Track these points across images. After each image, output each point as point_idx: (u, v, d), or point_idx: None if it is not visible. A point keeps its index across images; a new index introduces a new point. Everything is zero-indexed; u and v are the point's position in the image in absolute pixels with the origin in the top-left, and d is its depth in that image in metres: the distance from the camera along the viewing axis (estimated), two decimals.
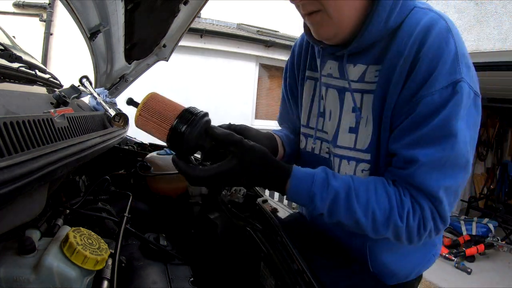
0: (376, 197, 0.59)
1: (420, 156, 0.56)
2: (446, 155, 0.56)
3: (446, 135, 0.55)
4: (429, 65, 0.56)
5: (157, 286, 0.63)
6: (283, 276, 0.63)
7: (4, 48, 0.83)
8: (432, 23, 0.57)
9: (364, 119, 0.66)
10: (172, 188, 1.06)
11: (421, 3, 0.63)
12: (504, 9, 2.62)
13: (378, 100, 0.63)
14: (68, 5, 0.95)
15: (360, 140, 0.68)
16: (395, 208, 0.58)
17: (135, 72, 1.59)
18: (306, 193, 0.60)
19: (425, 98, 0.56)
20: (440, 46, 0.55)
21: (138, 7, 1.03)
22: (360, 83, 0.66)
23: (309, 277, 0.58)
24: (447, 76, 0.55)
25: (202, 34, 5.24)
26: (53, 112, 0.61)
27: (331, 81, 0.73)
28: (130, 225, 0.76)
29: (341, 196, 0.59)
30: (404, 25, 0.60)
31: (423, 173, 0.57)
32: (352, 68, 0.67)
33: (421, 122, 0.57)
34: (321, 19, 0.61)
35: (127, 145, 1.47)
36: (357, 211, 0.58)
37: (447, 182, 0.57)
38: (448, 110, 0.54)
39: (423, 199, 0.58)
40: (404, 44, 0.59)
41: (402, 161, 0.59)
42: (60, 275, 0.46)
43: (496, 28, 2.67)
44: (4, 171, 0.35)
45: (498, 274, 3.36)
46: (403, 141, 0.59)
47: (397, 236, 0.60)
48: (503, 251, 3.77)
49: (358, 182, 0.61)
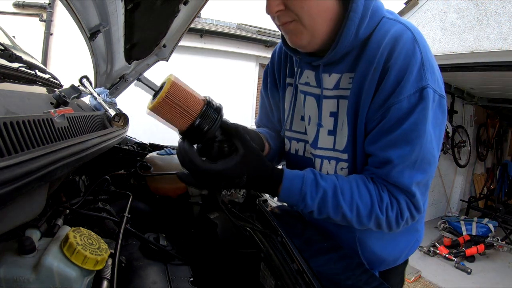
0: (359, 194, 0.67)
1: (393, 157, 0.64)
2: (416, 154, 0.64)
3: (415, 137, 0.62)
4: (397, 74, 0.61)
5: (157, 286, 0.63)
6: (283, 276, 0.63)
7: (4, 48, 0.83)
8: (399, 35, 0.62)
9: (341, 122, 0.73)
10: (172, 188, 1.06)
11: (389, 12, 0.69)
12: (504, 9, 2.62)
13: (351, 105, 0.69)
14: (68, 5, 0.95)
15: (338, 141, 0.74)
16: (376, 203, 0.66)
17: (135, 72, 1.59)
18: (298, 192, 0.67)
19: (394, 105, 0.62)
20: (407, 57, 0.61)
21: (138, 7, 1.03)
22: (335, 90, 0.73)
23: (309, 277, 0.58)
24: (414, 84, 0.61)
25: (202, 34, 5.25)
26: (53, 112, 0.61)
27: (308, 89, 0.79)
28: (130, 225, 0.76)
29: (329, 194, 0.66)
30: (374, 36, 0.66)
31: (397, 172, 0.65)
32: (328, 77, 0.73)
33: (392, 126, 0.63)
34: (295, 28, 0.65)
35: (127, 145, 1.47)
36: (343, 206, 0.66)
37: (418, 177, 0.66)
38: (416, 115, 0.61)
39: (399, 194, 0.67)
40: (373, 55, 0.64)
41: (378, 161, 0.67)
42: (60, 275, 0.46)
43: (496, 28, 2.66)
44: (4, 171, 0.35)
45: (498, 274, 3.36)
46: (377, 144, 0.66)
47: (379, 225, 0.69)
48: (503, 251, 3.77)
49: (342, 180, 0.68)
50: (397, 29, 0.64)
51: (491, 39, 2.71)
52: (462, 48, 2.87)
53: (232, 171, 0.60)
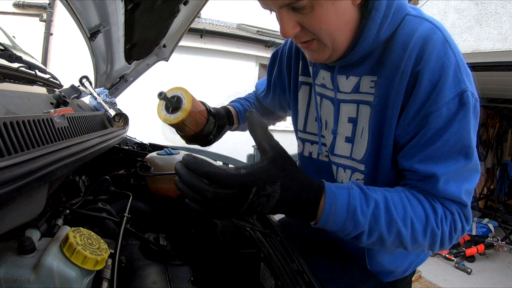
0: (411, 205, 0.57)
1: (438, 171, 0.56)
2: (461, 165, 0.57)
3: (459, 148, 0.56)
4: (431, 78, 0.55)
5: (157, 286, 0.63)
6: (283, 276, 0.63)
7: (4, 48, 0.83)
8: (427, 35, 0.56)
9: (360, 129, 0.66)
10: (172, 188, 1.06)
11: (413, 8, 0.62)
12: (504, 9, 2.62)
13: (376, 114, 0.62)
14: (68, 5, 0.95)
15: (355, 150, 0.68)
16: (431, 215, 0.57)
17: (135, 72, 1.59)
18: (345, 208, 0.53)
19: (432, 113, 0.55)
20: (440, 59, 0.55)
21: (138, 7, 1.03)
22: (355, 94, 0.65)
23: (309, 277, 0.58)
24: (451, 88, 0.54)
25: (202, 34, 5.24)
26: (53, 112, 0.61)
27: (325, 92, 0.72)
28: (130, 225, 0.76)
29: (381, 207, 0.55)
30: (398, 35, 0.59)
31: (444, 185, 0.57)
32: (344, 80, 0.66)
33: (432, 138, 0.56)
34: (315, 46, 0.60)
35: (127, 145, 1.46)
36: (398, 221, 0.55)
37: (466, 186, 0.59)
38: (457, 123, 0.55)
39: (450, 204, 0.59)
40: (399, 57, 0.58)
41: (420, 176, 0.59)
42: (60, 275, 0.46)
43: (496, 28, 2.66)
44: (4, 171, 0.35)
45: (498, 274, 3.36)
46: (416, 157, 0.59)
47: (433, 243, 0.58)
48: (503, 251, 3.77)
49: (389, 191, 0.59)
50: (424, 28, 0.57)
51: (491, 39, 2.71)
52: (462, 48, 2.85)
53: (261, 176, 0.48)
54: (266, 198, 0.49)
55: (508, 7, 2.59)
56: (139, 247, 0.75)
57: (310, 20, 0.55)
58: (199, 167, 0.47)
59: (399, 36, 0.59)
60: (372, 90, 0.63)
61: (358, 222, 0.53)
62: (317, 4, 0.52)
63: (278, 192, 0.49)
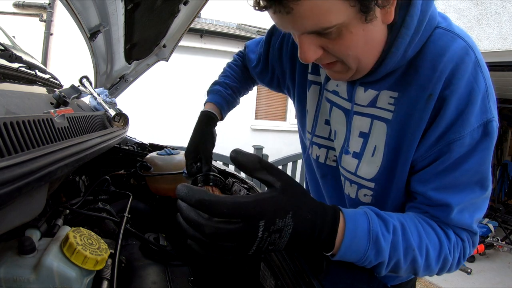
0: (425, 232, 0.54)
1: (452, 202, 0.54)
2: (476, 195, 0.55)
3: (477, 179, 0.54)
4: (458, 105, 0.51)
5: (157, 286, 0.63)
6: (283, 276, 0.62)
7: (4, 48, 0.83)
8: (460, 58, 0.51)
9: (371, 147, 0.61)
10: (172, 188, 1.06)
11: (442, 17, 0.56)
12: (504, 9, 2.62)
13: (394, 133, 0.58)
14: (68, 5, 0.94)
15: (362, 168, 0.63)
16: (445, 243, 0.55)
17: (135, 72, 1.59)
18: (366, 235, 0.48)
19: (456, 141, 0.51)
20: (469, 85, 0.51)
21: (138, 7, 1.03)
22: (371, 108, 0.60)
23: (309, 277, 0.58)
24: (478, 117, 0.51)
25: (202, 34, 5.24)
26: (53, 112, 0.61)
27: (337, 100, 0.66)
28: (130, 225, 0.76)
29: (399, 234, 0.51)
30: (426, 52, 0.53)
31: (457, 215, 0.55)
32: (362, 92, 0.61)
33: (451, 166, 0.53)
34: (339, 68, 0.54)
35: (127, 145, 1.46)
36: (415, 248, 0.52)
37: (478, 215, 0.57)
38: (479, 153, 0.52)
39: (461, 231, 0.58)
40: (427, 77, 0.53)
41: (432, 203, 0.56)
42: (60, 275, 0.46)
43: (496, 28, 2.66)
44: (4, 171, 0.35)
45: (498, 274, 3.36)
46: (432, 184, 0.56)
47: (442, 269, 0.57)
48: (503, 251, 3.77)
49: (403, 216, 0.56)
50: (457, 48, 0.51)
51: (491, 39, 2.71)
52: None
53: (270, 207, 0.41)
54: (278, 234, 0.42)
55: (508, 7, 2.60)
56: (139, 247, 0.75)
57: (336, 46, 0.49)
58: (190, 196, 0.39)
59: (428, 53, 0.53)
60: (390, 107, 0.58)
61: (380, 249, 0.49)
62: (345, 30, 0.46)
63: (290, 225, 0.42)
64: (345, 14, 0.44)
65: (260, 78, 0.93)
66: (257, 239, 0.41)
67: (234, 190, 0.94)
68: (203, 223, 0.40)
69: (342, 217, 0.49)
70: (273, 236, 0.42)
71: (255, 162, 0.43)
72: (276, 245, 0.43)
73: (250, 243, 0.41)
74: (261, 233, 0.41)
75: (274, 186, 0.43)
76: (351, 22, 0.45)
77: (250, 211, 0.40)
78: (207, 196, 0.39)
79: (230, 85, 0.94)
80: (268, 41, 0.83)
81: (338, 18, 0.44)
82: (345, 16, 0.44)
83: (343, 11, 0.43)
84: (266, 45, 0.83)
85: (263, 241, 0.42)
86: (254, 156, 0.44)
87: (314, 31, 0.46)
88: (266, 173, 0.43)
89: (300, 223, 0.43)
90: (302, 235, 0.44)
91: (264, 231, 0.41)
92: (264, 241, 0.42)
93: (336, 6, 0.42)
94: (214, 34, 5.37)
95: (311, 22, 0.44)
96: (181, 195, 0.41)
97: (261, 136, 5.79)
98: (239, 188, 0.93)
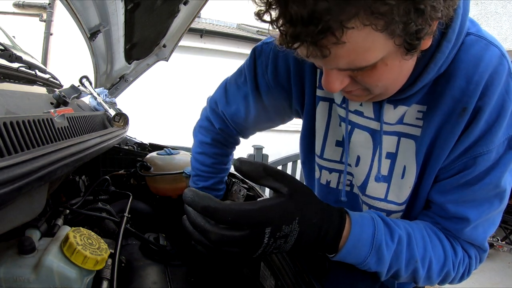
0: (431, 244, 0.53)
1: (470, 215, 0.52)
2: (494, 210, 0.54)
3: (496, 193, 0.52)
4: (488, 119, 0.48)
5: (157, 286, 0.63)
6: (283, 276, 0.62)
7: (4, 48, 0.83)
8: (495, 68, 0.47)
9: (400, 168, 0.57)
10: (172, 188, 1.06)
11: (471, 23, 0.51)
12: (504, 9, 2.62)
13: (422, 147, 0.54)
14: (68, 5, 0.94)
15: (393, 191, 0.58)
16: (450, 257, 0.54)
17: (135, 72, 1.59)
18: (369, 242, 0.49)
19: (483, 155, 0.49)
20: (501, 97, 0.48)
21: (138, 7, 1.02)
22: (398, 125, 0.55)
23: (309, 277, 0.58)
24: (505, 130, 0.49)
25: (202, 34, 5.24)
26: (53, 112, 0.61)
27: (361, 121, 0.59)
28: (130, 225, 0.76)
29: (403, 243, 0.51)
30: (459, 61, 0.48)
31: (472, 230, 0.54)
32: (392, 109, 0.54)
33: (474, 179, 0.51)
34: (359, 93, 0.48)
35: (127, 145, 1.47)
36: (418, 260, 0.51)
37: (491, 231, 0.56)
38: (502, 167, 0.50)
39: (470, 248, 0.56)
40: (460, 89, 0.49)
41: (448, 215, 0.55)
42: (60, 275, 0.46)
43: (496, 28, 2.67)
44: (4, 171, 0.35)
45: (498, 274, 3.36)
46: (451, 196, 0.54)
47: (443, 281, 0.56)
48: (503, 251, 3.77)
49: (411, 226, 0.54)
50: (492, 57, 0.47)
51: None
52: None
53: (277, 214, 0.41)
54: (283, 239, 0.43)
55: (508, 7, 2.60)
56: (139, 247, 0.75)
57: (366, 77, 0.43)
58: (196, 202, 0.40)
59: (460, 62, 0.48)
60: (418, 122, 0.54)
61: (382, 257, 0.49)
62: (381, 63, 0.41)
63: (296, 230, 0.43)
64: (385, 51, 0.39)
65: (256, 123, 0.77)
66: (262, 245, 0.42)
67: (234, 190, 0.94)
68: (209, 229, 0.41)
69: (348, 221, 0.49)
70: (279, 242, 0.43)
71: (260, 170, 0.43)
72: (281, 249, 0.44)
73: (255, 248, 0.42)
74: (266, 239, 0.41)
75: (280, 191, 0.43)
76: (389, 56, 0.40)
77: (255, 218, 0.40)
78: (212, 203, 0.40)
79: (207, 187, 0.85)
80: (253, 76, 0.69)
81: (378, 56, 0.39)
82: (385, 52, 0.39)
83: (384, 49, 0.38)
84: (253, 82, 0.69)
85: (269, 246, 0.42)
86: (258, 164, 0.44)
87: (348, 69, 0.42)
88: (272, 179, 0.43)
89: (306, 228, 0.44)
90: (307, 239, 0.45)
91: (270, 238, 0.42)
92: (270, 246, 0.43)
93: (379, 45, 0.37)
94: (214, 34, 5.38)
95: (347, 60, 0.39)
96: (187, 200, 0.41)
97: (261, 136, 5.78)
98: (239, 188, 0.93)
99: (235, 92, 0.74)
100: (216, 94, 0.80)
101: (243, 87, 0.72)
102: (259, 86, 0.69)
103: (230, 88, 0.75)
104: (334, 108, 0.63)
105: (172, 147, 1.28)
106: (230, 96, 0.75)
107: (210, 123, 0.82)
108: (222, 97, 0.76)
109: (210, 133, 0.82)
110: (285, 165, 3.61)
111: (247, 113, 0.73)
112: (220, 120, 0.79)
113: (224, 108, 0.76)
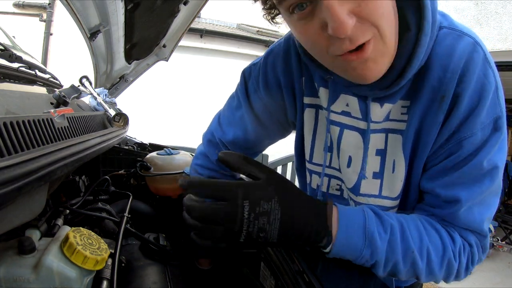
0: (427, 234, 0.53)
1: (461, 196, 0.52)
2: (485, 189, 0.54)
3: (486, 173, 0.53)
4: (469, 103, 0.50)
5: (157, 286, 0.63)
6: (283, 276, 0.63)
7: (4, 48, 0.83)
8: (469, 55, 0.49)
9: (390, 163, 0.59)
10: (172, 188, 1.06)
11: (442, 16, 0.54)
12: (504, 9, 2.62)
13: (408, 141, 0.56)
14: (68, 5, 0.94)
15: (386, 187, 0.60)
16: (448, 246, 0.53)
17: (135, 72, 1.59)
18: (361, 232, 0.49)
19: (468, 138, 0.51)
20: (480, 82, 0.49)
21: (138, 7, 1.02)
22: (385, 123, 0.57)
23: (309, 277, 0.58)
24: (488, 113, 0.50)
25: (202, 34, 5.25)
26: (53, 112, 0.61)
27: (349, 121, 0.60)
28: (130, 225, 0.77)
29: (396, 233, 0.51)
30: (434, 54, 0.51)
31: (466, 212, 0.53)
32: (379, 108, 0.56)
33: (462, 162, 0.52)
34: (374, 49, 0.45)
35: (127, 145, 1.47)
36: (415, 250, 0.50)
37: (488, 213, 0.55)
38: (488, 148, 0.51)
39: (469, 235, 0.56)
40: (437, 79, 0.51)
41: (440, 201, 0.55)
42: (60, 275, 0.46)
43: (496, 28, 2.67)
44: (4, 171, 0.35)
45: (498, 274, 3.36)
46: (440, 180, 0.55)
47: (448, 275, 0.55)
48: (503, 251, 3.77)
49: (403, 216, 0.54)
50: (465, 45, 0.50)
51: (491, 39, 2.71)
52: None
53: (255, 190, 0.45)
54: (265, 218, 0.44)
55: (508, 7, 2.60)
56: (139, 247, 0.75)
57: (368, 5, 0.41)
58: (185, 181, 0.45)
59: (436, 54, 0.51)
60: (404, 117, 0.56)
61: (376, 248, 0.49)
62: None
63: (277, 209, 0.45)
64: None
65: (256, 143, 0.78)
66: (244, 219, 0.43)
67: None
68: (195, 205, 0.45)
69: (335, 210, 0.50)
70: (261, 220, 0.44)
71: (241, 160, 0.47)
72: (267, 233, 0.45)
73: (237, 224, 0.44)
74: (247, 213, 0.43)
75: (258, 177, 0.47)
76: None
77: (233, 190, 0.44)
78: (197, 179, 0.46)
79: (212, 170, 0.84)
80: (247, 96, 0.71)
81: None
82: None
83: None
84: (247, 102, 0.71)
85: (252, 224, 0.44)
86: (239, 155, 0.48)
87: None
88: (251, 166, 0.47)
89: (288, 210, 0.45)
90: (293, 225, 0.46)
91: (250, 212, 0.43)
92: (252, 224, 0.44)
93: None
94: (214, 34, 5.38)
95: None
96: (180, 182, 0.46)
97: None
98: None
99: (231, 118, 0.75)
100: (211, 127, 0.81)
101: (237, 110, 0.74)
102: (253, 105, 0.71)
103: (224, 116, 0.77)
104: (321, 113, 0.65)
105: (172, 147, 1.28)
106: (225, 123, 0.77)
107: (206, 158, 0.82)
108: (217, 127, 0.78)
109: (206, 170, 0.82)
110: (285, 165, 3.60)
111: (245, 134, 0.74)
112: (217, 150, 0.77)
113: (221, 137, 0.76)
